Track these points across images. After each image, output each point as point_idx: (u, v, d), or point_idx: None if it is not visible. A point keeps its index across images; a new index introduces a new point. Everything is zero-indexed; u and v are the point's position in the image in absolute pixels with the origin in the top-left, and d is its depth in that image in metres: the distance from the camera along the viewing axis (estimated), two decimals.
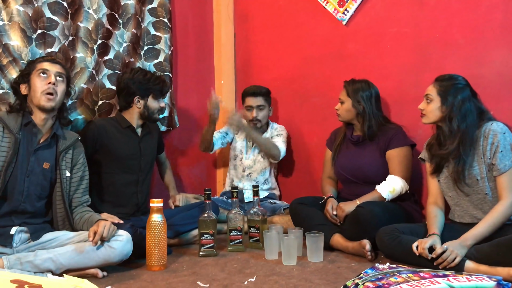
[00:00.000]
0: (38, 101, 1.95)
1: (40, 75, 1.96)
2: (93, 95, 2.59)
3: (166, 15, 2.92)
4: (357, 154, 2.47)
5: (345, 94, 2.47)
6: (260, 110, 2.91)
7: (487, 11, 2.32)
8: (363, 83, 2.47)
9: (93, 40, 2.59)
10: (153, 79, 2.48)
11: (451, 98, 2.00)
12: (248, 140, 2.96)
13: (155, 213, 2.02)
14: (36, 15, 2.35)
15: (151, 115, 2.49)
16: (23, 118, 1.96)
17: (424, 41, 2.52)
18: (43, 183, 1.99)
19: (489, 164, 1.96)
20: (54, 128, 2.01)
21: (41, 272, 1.81)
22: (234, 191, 2.36)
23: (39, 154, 1.98)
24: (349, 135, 2.51)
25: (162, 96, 2.52)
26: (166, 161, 2.85)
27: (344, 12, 2.79)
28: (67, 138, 2.06)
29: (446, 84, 2.03)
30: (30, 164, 1.94)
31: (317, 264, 2.05)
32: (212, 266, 2.05)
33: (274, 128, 3.01)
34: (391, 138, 2.39)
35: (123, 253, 1.94)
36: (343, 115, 2.49)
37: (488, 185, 1.97)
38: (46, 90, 1.94)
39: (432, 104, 2.05)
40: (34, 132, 1.97)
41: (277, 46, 3.16)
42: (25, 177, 1.94)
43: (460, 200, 2.06)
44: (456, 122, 1.98)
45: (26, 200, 1.94)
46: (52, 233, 1.98)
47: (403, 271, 1.76)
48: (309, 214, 2.37)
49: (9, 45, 2.26)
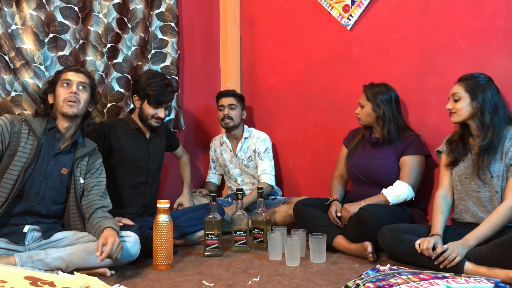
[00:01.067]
0: (61, 108, 2.02)
1: (63, 85, 2.04)
2: (102, 98, 2.65)
3: (173, 20, 2.97)
4: (373, 155, 2.49)
5: (364, 98, 2.49)
6: (231, 109, 2.94)
7: (490, 17, 2.35)
8: (382, 86, 2.49)
9: (103, 43, 2.65)
10: (154, 85, 2.41)
11: (481, 94, 2.04)
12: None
13: (162, 214, 2.06)
14: (48, 19, 2.41)
15: (144, 120, 2.47)
16: (47, 123, 2.03)
17: (428, 47, 2.55)
18: (59, 188, 2.04)
19: (508, 164, 2.00)
20: (76, 135, 2.08)
21: (51, 270, 1.86)
22: (239, 192, 2.40)
23: (59, 159, 2.04)
24: (368, 136, 2.54)
25: (158, 105, 2.43)
26: (184, 156, 2.90)
27: (349, 17, 2.82)
28: (86, 145, 2.12)
29: (472, 81, 2.08)
30: (49, 168, 2.00)
31: (319, 265, 2.09)
32: (217, 266, 2.09)
33: (256, 137, 2.98)
34: (409, 145, 2.41)
35: (131, 254, 1.99)
36: (363, 119, 2.51)
37: (501, 184, 2.01)
38: (68, 98, 2.01)
39: (462, 102, 2.07)
40: (57, 137, 2.03)
41: (283, 49, 3.19)
42: (43, 179, 1.99)
43: (467, 195, 2.09)
44: (488, 115, 2.02)
45: (41, 202, 2.00)
46: (63, 232, 2.03)
47: (403, 272, 1.79)
48: (312, 215, 2.41)
49: (22, 48, 2.33)
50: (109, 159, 2.44)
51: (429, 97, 2.55)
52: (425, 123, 2.57)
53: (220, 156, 3.08)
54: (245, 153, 2.99)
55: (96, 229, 1.95)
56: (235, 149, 3.02)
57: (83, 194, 2.08)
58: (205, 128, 3.33)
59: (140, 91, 2.45)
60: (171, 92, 2.48)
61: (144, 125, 2.50)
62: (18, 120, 1.99)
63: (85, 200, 2.07)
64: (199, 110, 3.27)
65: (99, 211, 2.04)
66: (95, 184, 2.10)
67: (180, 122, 3.03)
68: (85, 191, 2.09)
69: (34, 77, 2.34)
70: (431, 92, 2.54)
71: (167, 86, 2.46)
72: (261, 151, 2.94)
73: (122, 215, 2.37)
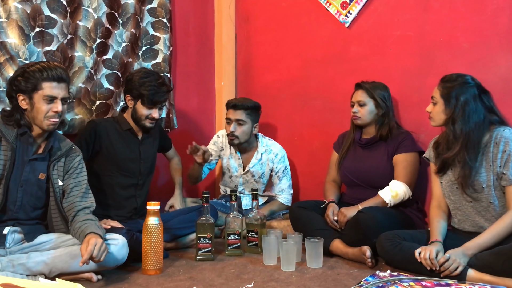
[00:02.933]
0: (40, 123, 1.88)
1: (46, 101, 1.85)
2: (91, 95, 2.56)
3: (166, 15, 2.89)
4: (365, 157, 2.43)
5: (364, 95, 2.40)
6: (239, 125, 2.66)
7: (492, 15, 2.29)
8: (378, 83, 2.44)
9: (92, 39, 2.56)
10: (148, 85, 2.31)
11: (454, 100, 1.94)
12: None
13: (151, 216, 1.98)
14: (34, 12, 2.32)
15: (138, 120, 2.38)
16: (19, 128, 1.89)
17: (428, 45, 2.49)
18: (38, 194, 1.93)
19: (498, 172, 1.90)
20: (51, 141, 1.95)
21: (33, 275, 1.78)
22: (233, 194, 2.32)
23: (35, 165, 1.92)
24: (358, 138, 2.47)
25: (152, 105, 2.34)
26: (176, 157, 2.78)
27: (347, 14, 2.75)
28: (62, 148, 1.99)
29: (450, 85, 1.98)
30: (24, 174, 1.89)
31: (316, 270, 2.02)
32: (209, 271, 2.01)
33: (273, 153, 2.76)
34: (400, 143, 2.35)
35: (118, 258, 1.90)
36: (364, 118, 2.41)
37: (494, 193, 1.92)
38: (51, 116, 1.87)
39: (437, 107, 2.01)
40: (30, 142, 1.90)
41: (279, 47, 3.12)
42: (19, 187, 1.88)
43: (462, 205, 2.01)
44: (459, 125, 1.92)
45: (18, 210, 1.89)
46: (47, 235, 1.94)
47: (405, 279, 1.72)
48: (309, 218, 2.33)
49: (7, 42, 2.23)
50: (98, 159, 2.35)
51: (429, 97, 2.44)
52: (424, 123, 2.50)
53: (226, 159, 2.83)
54: (258, 170, 2.77)
55: (79, 235, 1.85)
56: (247, 163, 2.79)
57: (64, 196, 1.98)
58: (199, 128, 3.25)
59: (133, 90, 2.35)
60: (165, 91, 2.40)
61: (137, 125, 2.41)
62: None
63: (65, 202, 1.97)
64: (192, 108, 3.19)
65: (81, 213, 1.94)
66: (74, 184, 1.99)
67: (173, 121, 2.94)
68: (65, 192, 1.98)
69: None
70: (431, 91, 2.43)
71: (162, 86, 2.36)
72: (280, 171, 2.75)
73: (111, 217, 2.28)
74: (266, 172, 2.80)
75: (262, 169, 2.79)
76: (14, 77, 1.89)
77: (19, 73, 1.88)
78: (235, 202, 2.32)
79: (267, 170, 2.80)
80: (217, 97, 3.33)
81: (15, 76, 1.88)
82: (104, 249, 1.78)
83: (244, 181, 2.84)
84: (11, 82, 1.88)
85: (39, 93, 1.85)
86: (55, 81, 1.86)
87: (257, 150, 2.79)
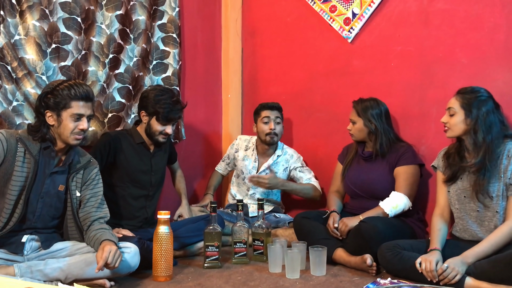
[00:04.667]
0: (66, 139, 1.95)
1: (73, 118, 1.93)
2: (103, 108, 2.66)
3: (175, 31, 2.99)
4: (367, 169, 2.50)
5: (355, 114, 2.50)
6: (277, 123, 2.88)
7: (490, 31, 2.37)
8: (372, 101, 2.50)
9: (105, 54, 2.66)
10: (163, 102, 2.39)
11: (476, 111, 1.99)
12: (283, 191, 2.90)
13: (162, 225, 2.05)
14: (51, 30, 2.42)
15: (152, 136, 2.46)
16: (42, 142, 1.96)
17: (428, 60, 2.57)
18: (57, 205, 2.02)
19: (507, 184, 1.97)
20: (72, 154, 2.03)
21: (50, 281, 1.86)
22: (239, 204, 2.39)
23: (56, 177, 2.00)
24: (361, 151, 2.55)
25: (167, 122, 2.42)
26: (179, 169, 2.88)
27: (350, 30, 2.84)
28: (81, 162, 2.07)
29: (469, 96, 2.03)
30: (44, 186, 1.96)
31: (319, 278, 2.08)
32: (216, 278, 2.08)
33: (289, 154, 2.96)
34: (401, 156, 2.42)
35: (131, 266, 1.98)
36: (356, 135, 2.52)
37: (502, 204, 1.98)
38: (77, 133, 1.95)
39: (456, 117, 2.04)
40: (52, 156, 1.98)
41: (284, 61, 3.21)
42: (39, 199, 1.96)
43: (466, 214, 2.07)
44: (481, 134, 1.98)
45: (37, 220, 1.97)
46: (63, 242, 2.02)
47: (404, 286, 1.78)
48: (312, 228, 2.40)
49: (25, 58, 2.34)
50: (112, 171, 2.43)
51: (429, 110, 2.56)
52: (425, 136, 2.58)
53: (240, 160, 3.00)
54: (273, 169, 2.88)
55: (94, 242, 1.93)
56: (263, 163, 2.94)
57: (80, 206, 2.06)
58: (206, 139, 3.33)
59: (149, 107, 2.43)
60: (180, 109, 2.47)
61: (150, 140, 2.49)
62: (14, 138, 1.93)
63: (81, 212, 2.05)
64: (200, 120, 3.27)
65: (96, 223, 2.02)
66: (91, 195, 2.07)
67: (181, 132, 3.03)
68: (81, 203, 2.06)
69: (36, 87, 2.34)
70: (431, 105, 2.55)
71: (176, 103, 2.45)
72: (298, 166, 2.92)
73: (122, 226, 2.36)
74: (280, 172, 2.91)
75: (276, 168, 2.91)
76: (43, 94, 1.95)
77: (48, 90, 1.95)
78: (241, 212, 2.40)
79: (281, 170, 2.92)
80: (223, 109, 3.41)
81: (45, 94, 1.95)
82: (118, 255, 1.85)
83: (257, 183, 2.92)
84: (40, 99, 1.95)
85: (68, 111, 1.93)
86: (83, 100, 1.94)
87: (275, 153, 2.94)
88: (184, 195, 2.79)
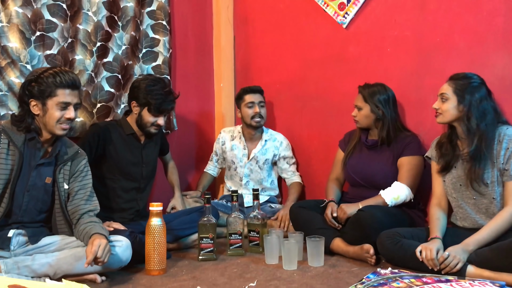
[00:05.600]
0: (51, 129, 1.88)
1: (60, 107, 1.85)
2: (91, 98, 2.58)
3: (165, 18, 2.90)
4: (370, 158, 2.44)
5: (361, 100, 2.43)
6: (261, 106, 2.87)
7: (488, 15, 2.31)
8: (379, 86, 2.43)
9: (92, 42, 2.58)
10: (155, 93, 2.34)
11: (469, 97, 1.96)
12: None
13: (154, 217, 2.00)
14: (35, 17, 2.33)
15: (143, 127, 2.40)
16: (27, 133, 1.88)
17: (425, 45, 2.51)
18: (44, 198, 1.94)
19: (501, 169, 1.93)
20: (58, 145, 1.96)
21: (38, 277, 1.79)
22: (234, 194, 2.34)
23: (42, 169, 1.93)
24: (364, 139, 2.48)
25: (159, 113, 2.37)
26: (171, 161, 2.82)
27: (345, 15, 2.78)
28: (68, 152, 2.00)
29: (462, 82, 2.00)
30: (31, 179, 1.89)
31: (317, 269, 2.04)
32: (212, 271, 2.03)
33: (278, 141, 2.94)
34: (406, 146, 2.37)
35: (122, 260, 1.92)
36: (361, 122, 2.44)
37: (498, 189, 1.95)
38: (64, 122, 1.88)
39: (448, 103, 2.01)
40: (38, 147, 1.91)
41: (277, 49, 3.14)
42: (25, 192, 1.89)
43: (464, 203, 2.04)
44: (475, 121, 1.95)
45: (24, 214, 1.90)
46: (51, 237, 1.95)
47: (405, 276, 1.75)
48: (309, 218, 2.35)
49: (8, 46, 2.25)
50: (101, 163, 2.37)
51: (426, 97, 2.51)
52: (422, 123, 2.53)
53: (229, 151, 2.96)
54: (263, 155, 2.90)
55: (84, 236, 1.87)
56: (252, 149, 2.92)
57: (68, 199, 1.99)
58: (198, 129, 3.27)
59: (140, 98, 2.36)
60: (172, 100, 2.42)
61: (142, 131, 2.43)
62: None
63: (70, 205, 1.98)
64: (192, 110, 3.21)
65: (86, 216, 1.95)
66: (79, 187, 2.00)
67: (173, 122, 2.96)
68: (70, 195, 1.99)
69: (20, 76, 2.26)
70: (428, 92, 2.50)
71: (169, 94, 2.39)
72: (287, 156, 2.94)
73: (113, 219, 2.29)
74: (270, 157, 2.91)
75: (266, 154, 2.91)
76: (27, 82, 1.87)
77: (32, 78, 1.86)
78: (236, 203, 2.34)
79: (271, 156, 2.92)
80: (216, 98, 3.35)
81: (29, 81, 1.86)
82: (108, 250, 1.79)
83: (249, 171, 2.90)
84: (24, 87, 1.87)
85: (53, 99, 1.85)
86: (69, 88, 1.87)
87: (261, 137, 2.92)
88: (177, 186, 2.74)
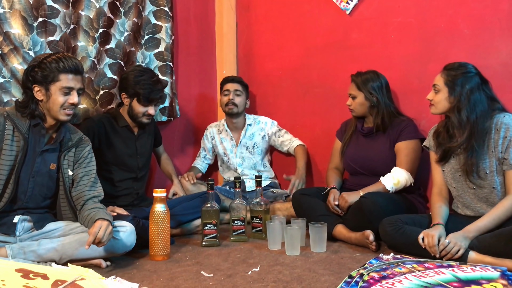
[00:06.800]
0: (55, 114, 1.88)
1: (63, 92, 1.86)
2: (94, 84, 2.57)
3: (167, 4, 2.88)
4: (367, 146, 2.45)
5: (355, 88, 2.43)
6: (237, 95, 2.89)
7: (493, 1, 2.29)
8: (371, 73, 2.44)
9: (95, 28, 2.57)
10: (143, 83, 2.37)
11: (459, 88, 1.96)
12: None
13: (158, 203, 2.01)
14: (37, 2, 2.32)
15: (135, 117, 2.44)
16: (32, 119, 1.88)
17: (429, 31, 2.50)
18: (48, 184, 1.95)
19: (500, 158, 1.93)
20: (63, 131, 1.96)
21: (44, 262, 1.81)
22: (237, 181, 2.35)
23: (47, 156, 1.93)
24: (360, 127, 2.49)
25: (148, 103, 2.41)
26: (165, 153, 2.85)
27: (348, 1, 2.76)
28: (72, 139, 2.01)
29: (454, 73, 1.99)
30: (35, 165, 1.90)
31: (320, 255, 2.05)
32: (215, 256, 2.05)
33: (263, 122, 2.97)
34: (402, 130, 2.37)
35: (127, 245, 1.94)
36: (357, 110, 2.45)
37: (497, 179, 1.95)
38: (67, 107, 1.88)
39: (440, 95, 2.02)
40: (42, 133, 1.91)
41: (280, 35, 3.13)
42: (30, 178, 1.89)
43: (464, 192, 2.04)
44: (465, 113, 1.94)
45: (29, 200, 1.91)
46: (56, 222, 1.96)
47: (408, 261, 1.76)
48: (311, 204, 2.37)
49: (10, 33, 2.24)
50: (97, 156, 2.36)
51: (429, 83, 2.46)
52: (425, 110, 2.50)
53: (219, 144, 3.00)
54: (250, 140, 2.95)
55: (88, 222, 1.88)
56: (238, 137, 2.96)
57: (73, 185, 2.00)
58: (201, 116, 3.27)
59: (129, 89, 2.41)
60: (160, 89, 2.48)
61: (134, 122, 2.48)
62: (1, 116, 1.85)
63: (74, 191, 1.99)
64: (194, 97, 3.20)
65: (90, 202, 1.96)
66: (84, 174, 2.01)
67: (175, 109, 2.96)
68: (74, 181, 2.00)
69: (23, 62, 2.25)
70: (432, 78, 2.45)
71: (156, 83, 2.43)
72: (275, 131, 2.97)
73: (116, 204, 2.31)
74: (258, 141, 2.95)
75: (253, 139, 2.95)
76: (30, 68, 1.87)
77: (35, 63, 1.86)
78: (239, 189, 2.35)
79: (259, 139, 2.95)
80: (218, 85, 3.33)
81: (32, 67, 1.86)
82: (109, 231, 1.80)
83: (241, 160, 2.94)
84: (27, 73, 1.87)
85: (57, 84, 1.85)
86: (72, 72, 1.87)
87: (244, 123, 2.97)
88: (174, 175, 2.78)
